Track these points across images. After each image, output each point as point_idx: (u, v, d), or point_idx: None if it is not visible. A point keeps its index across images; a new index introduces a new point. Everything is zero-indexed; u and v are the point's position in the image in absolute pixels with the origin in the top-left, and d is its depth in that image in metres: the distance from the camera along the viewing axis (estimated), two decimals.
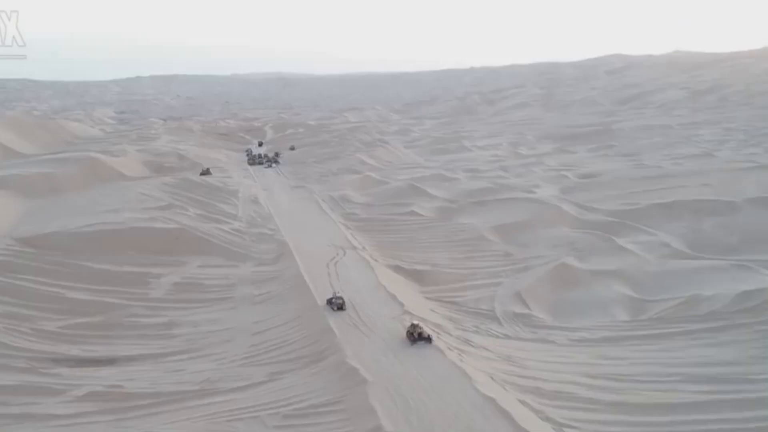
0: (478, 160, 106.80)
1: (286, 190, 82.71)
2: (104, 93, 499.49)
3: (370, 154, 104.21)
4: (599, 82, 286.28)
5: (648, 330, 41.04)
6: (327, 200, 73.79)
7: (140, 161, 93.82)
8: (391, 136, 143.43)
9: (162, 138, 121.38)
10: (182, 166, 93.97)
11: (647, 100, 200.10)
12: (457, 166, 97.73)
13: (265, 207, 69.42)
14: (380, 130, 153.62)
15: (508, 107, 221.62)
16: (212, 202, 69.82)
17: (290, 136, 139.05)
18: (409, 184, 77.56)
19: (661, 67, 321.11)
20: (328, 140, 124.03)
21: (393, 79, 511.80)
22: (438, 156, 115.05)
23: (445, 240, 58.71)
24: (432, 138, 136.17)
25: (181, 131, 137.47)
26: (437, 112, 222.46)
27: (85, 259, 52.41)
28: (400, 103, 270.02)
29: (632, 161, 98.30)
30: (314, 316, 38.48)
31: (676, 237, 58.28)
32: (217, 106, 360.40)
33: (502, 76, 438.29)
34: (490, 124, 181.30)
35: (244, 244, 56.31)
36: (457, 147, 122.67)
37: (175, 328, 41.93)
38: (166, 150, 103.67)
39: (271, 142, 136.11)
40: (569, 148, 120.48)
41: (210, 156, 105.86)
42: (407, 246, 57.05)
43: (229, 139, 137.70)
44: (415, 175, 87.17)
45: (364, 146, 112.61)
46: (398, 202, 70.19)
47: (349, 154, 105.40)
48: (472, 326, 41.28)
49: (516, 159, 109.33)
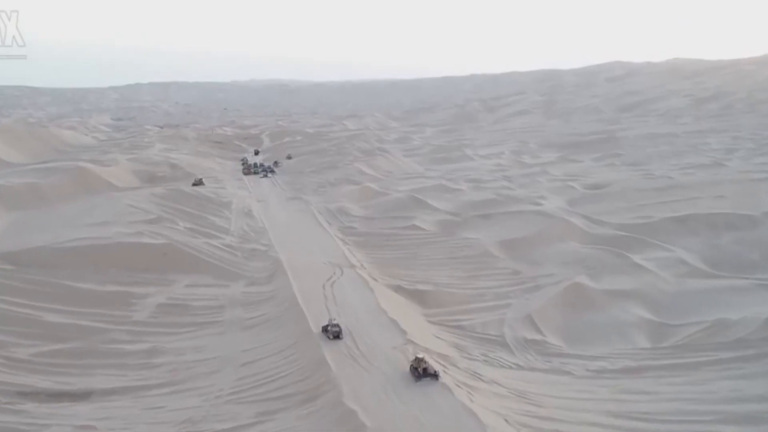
0: (481, 170, 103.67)
1: (282, 201, 79.26)
2: (102, 100, 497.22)
3: (370, 163, 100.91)
4: (600, 89, 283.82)
5: (672, 359, 37.78)
6: (324, 213, 70.44)
7: (131, 171, 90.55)
8: (391, 144, 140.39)
9: (155, 146, 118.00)
10: (174, 175, 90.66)
11: (650, 108, 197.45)
12: (459, 176, 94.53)
13: (258, 220, 66.09)
14: (379, 138, 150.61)
15: (509, 114, 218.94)
16: (203, 215, 66.54)
17: (287, 144, 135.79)
18: (410, 195, 74.28)
19: (662, 75, 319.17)
20: (326, 149, 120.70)
21: (392, 86, 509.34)
22: (439, 165, 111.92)
23: (448, 256, 55.43)
24: (433, 146, 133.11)
25: (175, 139, 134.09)
26: (437, 119, 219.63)
27: (67, 277, 49.22)
28: (399, 110, 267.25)
29: (640, 171, 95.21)
30: (308, 345, 35.13)
31: (693, 253, 55.06)
32: (216, 113, 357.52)
33: (501, 83, 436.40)
34: (491, 132, 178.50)
35: (236, 262, 53.00)
36: (459, 156, 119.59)
37: (158, 356, 38.59)
38: (159, 159, 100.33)
39: (267, 150, 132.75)
40: (573, 157, 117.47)
41: (204, 165, 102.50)
42: (408, 263, 53.75)
43: (224, 148, 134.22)
44: (416, 185, 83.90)
45: (363, 155, 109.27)
46: (399, 215, 66.88)
47: (348, 163, 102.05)
48: (481, 355, 37.98)
49: (520, 168, 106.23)
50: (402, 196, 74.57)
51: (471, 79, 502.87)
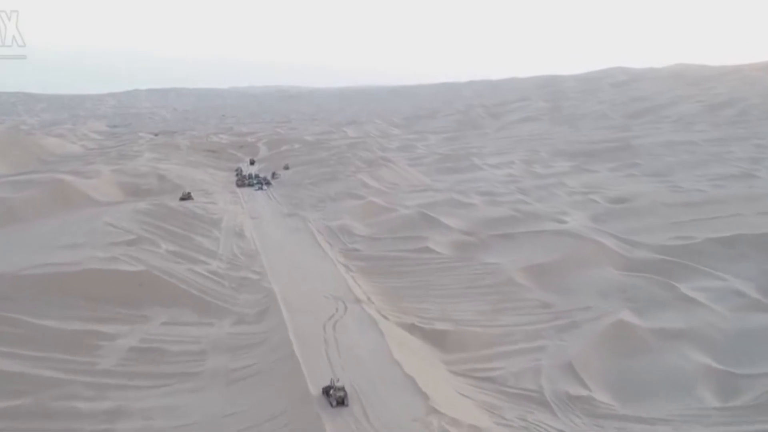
0: (492, 181, 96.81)
1: (278, 218, 72.14)
2: (99, 106, 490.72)
3: (373, 174, 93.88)
4: (605, 95, 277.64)
5: (752, 424, 30.83)
6: (324, 232, 63.38)
7: (115, 183, 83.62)
8: (394, 152, 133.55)
9: (144, 155, 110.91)
10: (162, 188, 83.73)
11: (661, 114, 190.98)
12: (469, 188, 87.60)
13: (251, 241, 59.03)
14: (382, 146, 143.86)
15: (514, 121, 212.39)
16: (189, 235, 59.55)
17: (285, 153, 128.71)
18: (419, 212, 67.18)
19: (667, 80, 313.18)
20: (326, 158, 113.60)
21: (391, 92, 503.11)
22: (447, 175, 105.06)
23: (468, 286, 48.42)
24: (439, 155, 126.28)
25: (166, 148, 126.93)
26: (440, 126, 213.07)
27: (27, 312, 42.18)
28: (399, 116, 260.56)
29: (665, 183, 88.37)
30: (305, 414, 28.08)
31: (747, 282, 48.07)
32: (213, 119, 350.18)
33: (501, 89, 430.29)
34: (497, 139, 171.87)
35: (223, 293, 45.99)
36: (467, 165, 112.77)
37: (121, 419, 31.50)
38: (146, 170, 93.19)
39: (264, 159, 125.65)
40: (589, 167, 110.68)
41: (194, 177, 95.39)
42: (422, 294, 46.75)
43: (218, 157, 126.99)
44: (424, 199, 76.90)
45: (365, 165, 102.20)
46: (408, 235, 59.79)
47: (350, 174, 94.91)
48: (518, 418, 30.98)
49: (533, 179, 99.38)
50: (410, 212, 67.46)
51: (470, 85, 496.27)
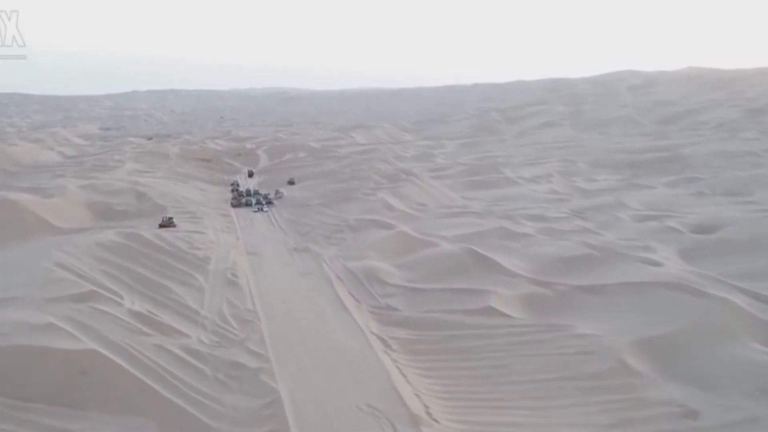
0: (535, 199, 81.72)
1: (282, 255, 56.35)
2: (94, 108, 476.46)
3: (395, 191, 78.40)
4: (625, 98, 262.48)
5: None
6: (346, 278, 47.83)
7: (82, 203, 68.36)
8: (411, 162, 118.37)
9: (125, 166, 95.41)
10: (140, 210, 68.51)
11: (697, 120, 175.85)
12: (514, 210, 72.41)
13: (247, 295, 43.49)
14: (396, 154, 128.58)
15: (534, 126, 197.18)
16: (165, 284, 44.28)
17: (289, 163, 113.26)
18: (465, 248, 51.59)
19: (686, 83, 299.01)
20: (337, 171, 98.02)
21: (393, 95, 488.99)
22: (478, 191, 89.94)
23: (562, 376, 33.07)
24: (463, 166, 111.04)
25: (152, 156, 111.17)
26: (455, 131, 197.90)
27: None
28: (408, 120, 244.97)
29: (749, 204, 73.21)
30: None
31: None
32: (211, 122, 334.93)
33: (509, 91, 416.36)
34: (519, 147, 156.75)
35: (204, 393, 30.66)
36: (499, 179, 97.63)
37: None
38: (123, 186, 77.60)
39: (264, 171, 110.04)
40: (639, 181, 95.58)
41: (181, 194, 79.70)
42: (501, 395, 31.42)
43: (212, 167, 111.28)
44: (465, 227, 61.56)
45: (385, 180, 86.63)
46: (462, 287, 44.09)
47: (368, 192, 79.22)
48: None
49: (582, 197, 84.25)
50: (454, 248, 51.87)
51: (475, 88, 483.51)
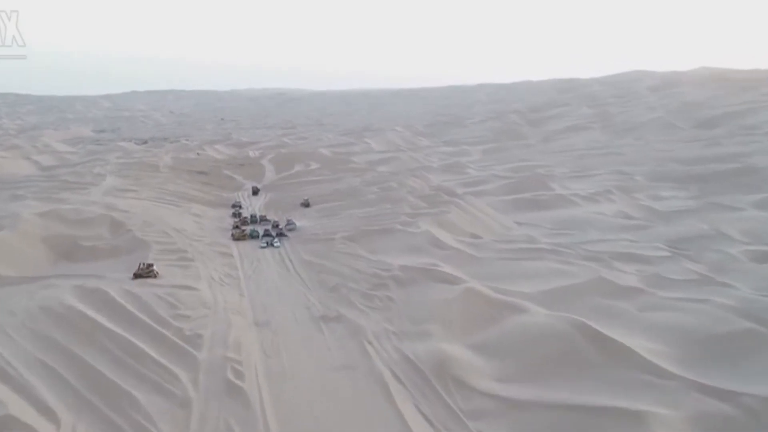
0: (607, 225, 66.77)
1: (307, 328, 38.42)
2: (90, 108, 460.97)
3: (439, 219, 62.70)
4: (649, 100, 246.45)
5: None
6: (407, 377, 31.41)
7: (38, 238, 52.90)
8: (440, 174, 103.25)
9: (104, 182, 79.29)
10: (113, 246, 52.90)
11: (741, 124, 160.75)
12: (590, 245, 57.35)
13: (259, 416, 27.96)
14: (421, 164, 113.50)
15: (560, 130, 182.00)
16: (128, 390, 28.99)
17: (300, 176, 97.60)
18: (571, 322, 35.82)
19: (709, 84, 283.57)
20: (361, 188, 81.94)
21: (395, 96, 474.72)
22: (531, 213, 75.00)
23: None
24: (503, 180, 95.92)
25: (139, 169, 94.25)
26: (474, 136, 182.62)
27: None
28: (420, 123, 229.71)
29: None
30: None
31: None
32: (211, 124, 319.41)
33: (519, 92, 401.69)
34: (552, 154, 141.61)
35: None
36: (551, 197, 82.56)
37: None
38: (95, 212, 61.34)
39: (272, 187, 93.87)
40: (719, 200, 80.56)
41: (169, 222, 62.90)
42: None
43: (209, 181, 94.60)
44: (549, 279, 46.05)
45: (423, 202, 70.88)
46: (592, 403, 28.83)
47: (407, 221, 62.85)
48: None
49: (662, 221, 69.27)
50: (555, 322, 35.98)
51: (481, 88, 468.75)
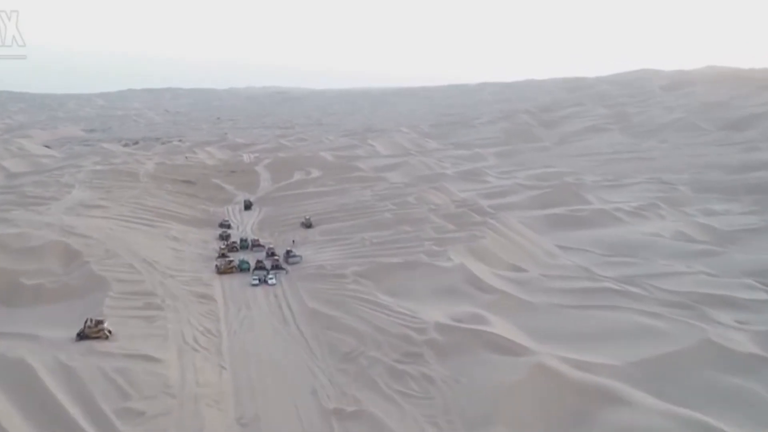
0: (671, 251, 55.72)
1: (313, 426, 26.88)
2: (83, 107, 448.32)
3: (473, 247, 50.53)
4: (665, 99, 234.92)
5: None
6: None
7: None
8: (458, 182, 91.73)
9: (70, 195, 66.78)
10: (64, 285, 41.00)
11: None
12: (664, 279, 46.26)
13: None
14: (433, 170, 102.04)
15: (577, 132, 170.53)
16: None
17: (299, 186, 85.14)
18: (697, 422, 24.89)
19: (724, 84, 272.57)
20: (372, 203, 69.30)
21: (395, 95, 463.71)
22: (572, 232, 63.82)
23: None
24: (530, 190, 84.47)
25: (115, 178, 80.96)
26: (484, 137, 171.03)
27: None
28: (425, 123, 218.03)
29: None
30: None
31: None
32: (207, 123, 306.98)
33: (524, 91, 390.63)
34: (573, 158, 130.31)
35: None
36: (591, 212, 71.26)
37: None
38: (46, 237, 48.27)
39: (267, 199, 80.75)
40: None
41: (139, 250, 49.68)
42: None
43: (195, 193, 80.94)
44: (639, 342, 34.33)
45: (449, 223, 58.26)
46: None
47: (433, 250, 48.59)
48: None
49: (731, 245, 58.24)
50: (672, 427, 24.67)
51: (483, 87, 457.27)
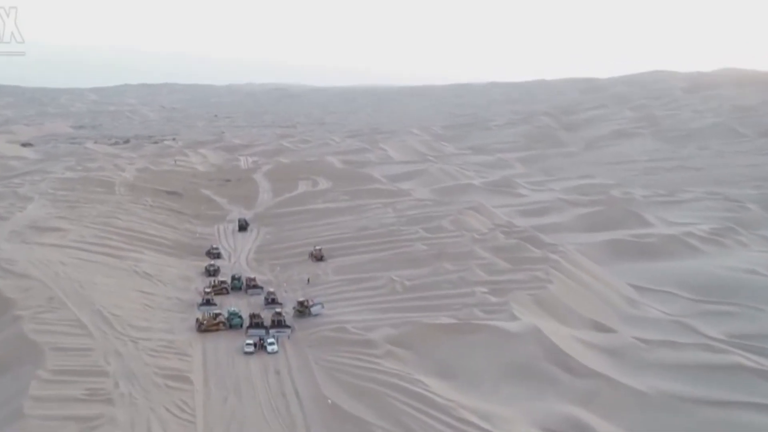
0: None
1: None
2: (74, 102, 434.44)
3: (539, 296, 37.60)
4: (692, 103, 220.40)
5: None
6: None
7: None
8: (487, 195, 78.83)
9: (23, 213, 53.26)
10: None
11: None
12: None
13: None
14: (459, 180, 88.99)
15: (604, 136, 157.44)
16: None
17: (305, 200, 70.43)
18: None
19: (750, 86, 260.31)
20: (397, 228, 53.24)
21: (399, 93, 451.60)
22: (639, 263, 51.70)
23: None
24: (574, 206, 71.72)
25: (83, 189, 66.34)
26: (503, 141, 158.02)
27: None
28: (438, 125, 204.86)
29: None
30: None
31: None
32: (203, 120, 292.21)
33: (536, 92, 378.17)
34: (607, 166, 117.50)
35: None
36: (658, 239, 58.65)
37: None
38: None
39: (266, 217, 64.95)
40: None
41: (94, 294, 35.04)
42: None
43: (180, 208, 65.73)
44: None
45: (499, 258, 44.92)
46: None
47: (489, 303, 34.95)
48: None
49: None
50: None
51: (493, 87, 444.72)
